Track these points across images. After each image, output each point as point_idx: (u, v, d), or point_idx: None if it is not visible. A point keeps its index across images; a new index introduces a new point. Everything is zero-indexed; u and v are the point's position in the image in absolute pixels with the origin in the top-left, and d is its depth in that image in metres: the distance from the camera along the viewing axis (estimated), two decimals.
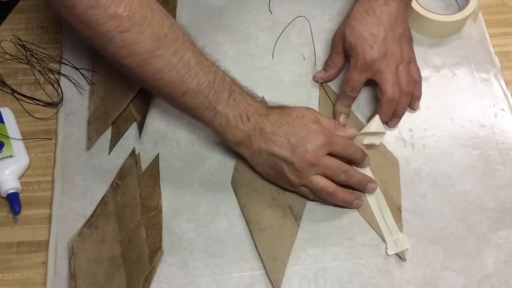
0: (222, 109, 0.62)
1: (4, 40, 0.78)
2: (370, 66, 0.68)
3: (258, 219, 0.65)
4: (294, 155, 0.62)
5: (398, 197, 0.67)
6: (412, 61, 0.72)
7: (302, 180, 0.63)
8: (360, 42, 0.68)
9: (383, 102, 0.69)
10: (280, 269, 0.62)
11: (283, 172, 0.63)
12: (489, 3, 0.84)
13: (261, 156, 0.64)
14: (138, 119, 0.72)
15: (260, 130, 0.63)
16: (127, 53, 0.59)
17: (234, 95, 0.63)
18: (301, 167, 0.62)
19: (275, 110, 0.65)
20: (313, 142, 0.62)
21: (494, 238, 0.65)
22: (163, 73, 0.60)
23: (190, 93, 0.61)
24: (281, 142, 0.63)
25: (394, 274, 0.63)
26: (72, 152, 0.70)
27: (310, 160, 0.62)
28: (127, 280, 0.61)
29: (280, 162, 0.63)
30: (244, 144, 0.64)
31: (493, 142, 0.72)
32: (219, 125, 0.63)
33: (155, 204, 0.66)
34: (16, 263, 0.64)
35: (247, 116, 0.63)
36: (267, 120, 0.64)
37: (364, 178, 0.66)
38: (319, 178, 0.63)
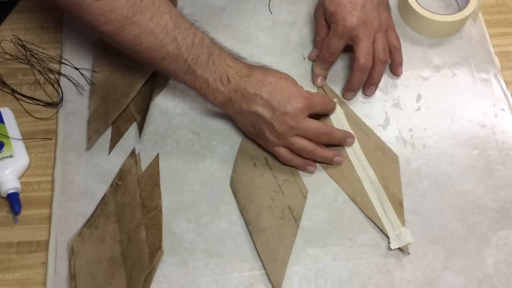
0: (201, 73, 0.63)
1: (4, 40, 0.78)
2: (350, 32, 0.70)
3: (257, 221, 0.65)
4: (274, 117, 0.64)
5: (399, 192, 0.68)
6: (390, 28, 0.74)
7: (281, 140, 0.65)
8: (340, 9, 0.70)
9: (355, 69, 0.71)
10: (280, 270, 0.62)
11: (263, 132, 0.65)
12: (489, 3, 0.84)
13: (243, 115, 0.66)
14: (138, 119, 0.72)
15: (242, 91, 0.64)
16: (104, 21, 0.59)
17: (213, 57, 0.64)
18: (281, 130, 0.64)
19: (257, 71, 0.66)
20: (293, 106, 0.64)
21: (494, 238, 0.65)
22: (141, 39, 0.61)
23: (169, 58, 0.62)
24: (263, 103, 0.64)
25: (394, 274, 0.63)
26: (72, 152, 0.70)
27: (290, 123, 0.64)
28: (127, 280, 0.61)
29: (260, 123, 0.65)
30: (226, 105, 0.66)
31: (493, 142, 0.72)
32: (200, 87, 0.65)
33: (155, 204, 0.66)
34: (16, 263, 0.64)
35: (227, 78, 0.64)
36: (249, 80, 0.64)
37: (344, 135, 0.69)
38: (299, 138, 0.66)
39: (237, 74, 0.65)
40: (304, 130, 0.65)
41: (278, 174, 0.68)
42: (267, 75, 0.65)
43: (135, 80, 0.74)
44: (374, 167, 0.69)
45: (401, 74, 0.76)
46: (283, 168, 0.69)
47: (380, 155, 0.70)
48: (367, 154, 0.70)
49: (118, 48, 0.64)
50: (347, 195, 0.68)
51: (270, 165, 0.69)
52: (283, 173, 0.68)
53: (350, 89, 0.73)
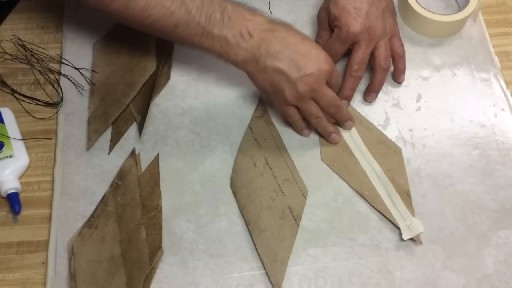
0: (218, 32, 0.62)
1: (4, 40, 0.78)
2: (352, 39, 0.70)
3: (257, 221, 0.65)
4: (299, 77, 0.63)
5: (406, 183, 0.68)
6: (395, 35, 0.73)
7: (297, 101, 0.65)
8: (344, 14, 0.69)
9: (347, 74, 0.71)
10: (280, 270, 0.62)
11: (282, 90, 0.64)
12: (489, 3, 0.84)
13: (265, 72, 0.63)
14: (138, 119, 0.72)
15: (266, 47, 0.62)
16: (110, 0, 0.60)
17: (228, 12, 0.62)
18: (302, 90, 0.63)
19: (280, 26, 0.64)
20: (320, 68, 0.63)
21: (494, 238, 0.65)
22: (149, 11, 0.60)
23: (182, 24, 0.61)
24: (288, 61, 0.62)
25: (394, 274, 0.63)
26: (72, 152, 0.70)
27: (313, 85, 0.63)
28: (127, 280, 0.61)
29: (282, 81, 0.63)
30: (249, 61, 0.63)
31: (493, 142, 0.72)
32: (219, 47, 0.62)
33: (155, 204, 0.66)
34: (16, 263, 0.64)
35: (248, 33, 0.62)
36: (273, 36, 0.63)
37: (348, 114, 0.70)
38: (313, 103, 0.66)
39: (258, 28, 0.63)
40: (321, 96, 0.65)
41: (278, 174, 0.68)
42: (290, 33, 0.64)
43: (135, 80, 0.74)
44: (378, 160, 0.69)
45: (403, 81, 0.75)
46: (283, 168, 0.69)
47: (383, 148, 0.70)
48: (370, 148, 0.70)
49: (129, 25, 0.64)
50: (354, 190, 0.68)
51: (270, 165, 0.69)
52: (283, 173, 0.68)
53: (342, 95, 0.72)
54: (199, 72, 0.76)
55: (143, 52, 0.76)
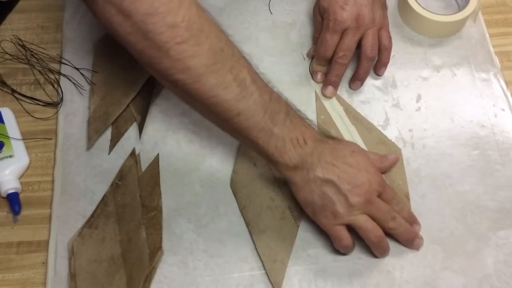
0: (278, 131, 0.59)
1: (4, 40, 0.78)
2: (341, 27, 0.71)
3: (257, 221, 0.65)
4: (351, 189, 0.59)
5: (405, 184, 0.68)
6: (383, 27, 0.74)
7: (350, 216, 0.60)
8: (332, 4, 0.71)
9: (333, 61, 0.72)
10: (280, 270, 0.62)
11: (332, 204, 0.60)
12: (489, 3, 0.84)
13: (314, 183, 0.60)
14: (138, 119, 0.72)
15: (319, 156, 0.60)
16: (182, 67, 0.54)
17: (290, 116, 0.60)
18: (355, 202, 0.59)
19: (330, 139, 0.63)
20: (370, 180, 0.60)
21: (493, 238, 0.65)
22: (218, 91, 0.56)
23: (245, 113, 0.57)
24: (339, 173, 0.60)
25: (394, 274, 0.63)
26: (72, 152, 0.70)
27: (366, 197, 0.60)
28: (127, 280, 0.61)
29: (333, 193, 0.59)
30: (299, 168, 0.60)
31: (493, 142, 0.72)
32: (274, 147, 0.59)
33: (155, 204, 0.66)
34: (16, 263, 0.64)
35: (304, 139, 0.60)
36: (325, 147, 0.61)
37: (412, 230, 0.63)
38: (367, 218, 0.60)
39: (313, 137, 0.61)
40: (377, 208, 0.60)
41: (278, 174, 0.68)
42: (341, 145, 0.62)
43: (135, 80, 0.74)
44: None
45: (382, 74, 0.76)
46: None
47: (383, 149, 0.70)
48: (370, 149, 0.70)
49: (187, 101, 0.60)
50: None
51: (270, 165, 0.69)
52: None
53: (328, 81, 0.73)
54: None
55: None
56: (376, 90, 0.76)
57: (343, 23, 0.70)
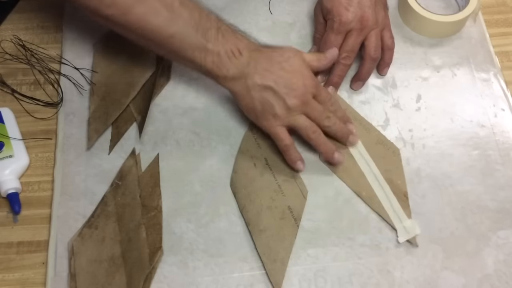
0: (212, 46, 0.63)
1: (4, 40, 0.78)
2: (345, 28, 0.71)
3: (257, 221, 0.65)
4: (288, 92, 0.64)
5: (403, 184, 0.68)
6: (386, 28, 0.74)
7: (288, 117, 0.65)
8: (336, 5, 0.71)
9: (337, 61, 0.72)
10: (280, 270, 0.62)
11: (272, 107, 0.64)
12: (489, 3, 0.84)
13: (253, 90, 0.64)
14: (138, 119, 0.72)
15: (255, 64, 0.64)
16: (110, 2, 0.59)
17: (222, 30, 0.64)
18: (293, 104, 0.64)
19: (265, 48, 0.67)
20: (305, 84, 0.65)
21: (494, 238, 0.65)
22: (147, 18, 0.60)
23: (177, 35, 0.62)
24: (276, 77, 0.64)
25: (394, 274, 0.63)
26: (72, 152, 0.70)
27: (302, 98, 0.64)
28: (127, 280, 0.61)
29: (272, 97, 0.64)
30: (237, 78, 0.65)
31: (493, 142, 0.72)
32: (211, 62, 0.63)
33: (155, 204, 0.66)
34: (16, 263, 0.64)
35: (238, 50, 0.64)
36: (261, 55, 0.65)
37: (346, 127, 0.68)
38: (305, 118, 0.65)
39: (247, 47, 0.65)
40: (312, 108, 0.65)
41: (278, 174, 0.68)
42: (275, 53, 0.66)
43: (135, 80, 0.74)
44: (376, 161, 0.69)
45: (385, 74, 0.76)
46: (283, 168, 0.69)
47: (382, 149, 0.70)
48: (368, 149, 0.70)
49: (121, 32, 0.64)
50: (352, 190, 0.68)
51: (270, 165, 0.69)
52: (283, 173, 0.68)
53: (330, 82, 0.74)
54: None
55: (143, 52, 0.76)
56: (376, 90, 0.76)
57: (348, 25, 0.71)
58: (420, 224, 0.66)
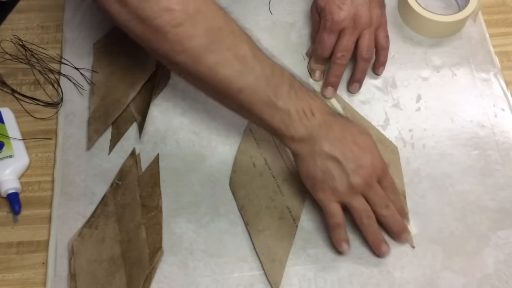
0: (283, 104, 0.58)
1: (4, 40, 0.78)
2: (338, 26, 0.70)
3: (256, 221, 0.65)
4: (355, 169, 0.59)
5: (401, 183, 0.68)
6: (381, 26, 0.73)
7: (348, 196, 0.60)
8: (329, 4, 0.70)
9: (332, 62, 0.72)
10: (279, 270, 0.62)
11: (333, 180, 0.60)
12: (489, 3, 0.84)
13: (319, 157, 0.60)
14: (138, 119, 0.72)
15: (327, 130, 0.60)
16: (181, 49, 0.56)
17: (295, 88, 0.60)
18: (355, 182, 0.59)
19: (339, 116, 0.63)
20: (374, 164, 0.61)
21: (494, 238, 0.65)
22: (218, 69, 0.57)
23: (248, 89, 0.58)
24: (346, 150, 0.60)
25: (394, 274, 0.63)
26: (72, 152, 0.70)
27: (367, 179, 0.60)
28: (127, 280, 0.61)
29: (336, 170, 0.60)
30: (306, 141, 0.60)
31: (493, 142, 0.72)
32: (279, 121, 0.59)
33: (155, 204, 0.66)
34: (16, 263, 0.64)
35: (311, 111, 0.60)
36: (334, 121, 0.61)
37: (403, 223, 0.63)
38: (363, 200, 0.61)
39: (321, 110, 0.60)
40: (374, 193, 0.61)
41: (278, 174, 0.68)
42: (349, 124, 0.63)
43: (135, 80, 0.74)
44: None
45: (381, 73, 0.76)
46: (282, 168, 0.69)
47: (380, 147, 0.69)
48: None
49: (190, 82, 0.62)
50: None
51: (270, 165, 0.69)
52: (282, 174, 0.68)
53: (327, 82, 0.73)
54: None
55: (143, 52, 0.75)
56: (376, 90, 0.76)
57: (340, 23, 0.70)
58: (420, 224, 0.66)
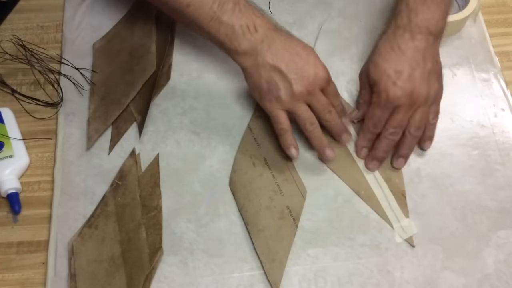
0: (227, 19, 0.63)
1: (4, 40, 0.78)
2: (393, 104, 0.65)
3: (256, 221, 0.65)
4: (296, 77, 0.63)
5: (401, 183, 0.68)
6: (436, 102, 0.68)
7: (291, 103, 0.64)
8: (384, 79, 0.65)
9: (382, 135, 0.68)
10: (278, 270, 0.62)
11: (277, 89, 0.64)
12: (489, 3, 0.84)
13: (263, 68, 0.64)
14: (138, 119, 0.72)
15: (269, 43, 0.64)
16: None
17: (240, 6, 0.64)
18: (298, 91, 0.64)
19: (283, 31, 0.66)
20: (316, 73, 0.64)
21: (494, 238, 0.65)
22: None
23: (194, 4, 0.63)
24: (288, 61, 0.63)
25: (394, 274, 0.63)
26: (72, 152, 0.70)
27: (309, 88, 0.64)
28: (127, 280, 0.61)
29: (279, 80, 0.64)
30: (249, 54, 0.64)
31: (493, 142, 0.72)
32: (225, 35, 0.64)
33: (155, 204, 0.66)
34: (16, 263, 0.64)
35: (254, 27, 0.64)
36: (277, 36, 0.64)
37: (343, 125, 0.69)
38: (306, 107, 0.65)
39: (265, 25, 0.64)
40: (316, 100, 0.65)
41: (277, 174, 0.68)
42: (293, 39, 0.66)
43: (135, 80, 0.74)
44: None
45: (427, 149, 0.70)
46: (282, 168, 0.69)
47: None
48: None
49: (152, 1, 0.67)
50: (350, 189, 0.68)
51: (269, 165, 0.69)
52: (282, 173, 0.68)
53: (374, 156, 0.68)
54: (199, 72, 0.76)
55: (143, 52, 0.76)
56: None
57: (396, 101, 0.65)
58: (420, 224, 0.66)
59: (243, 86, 0.74)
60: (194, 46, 0.78)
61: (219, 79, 0.76)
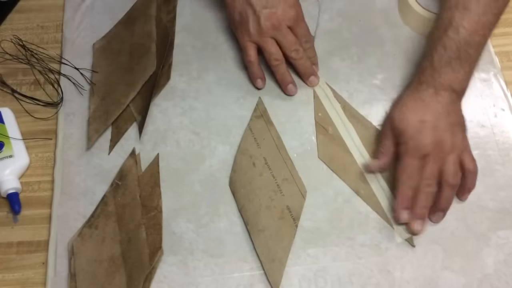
0: None
1: (4, 40, 0.78)
2: (421, 152, 0.64)
3: (256, 221, 0.65)
4: (264, 11, 0.68)
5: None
6: (465, 150, 0.67)
7: (258, 37, 0.69)
8: (409, 128, 0.65)
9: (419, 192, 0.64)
10: (278, 270, 0.62)
11: (247, 22, 0.69)
12: None
13: (238, 2, 0.70)
14: (138, 119, 0.72)
15: None
16: None
17: None
18: (264, 25, 0.68)
19: None
20: (285, 10, 0.69)
21: (494, 238, 0.65)
22: None
23: None
24: None
25: (394, 274, 0.63)
26: (72, 152, 0.70)
27: (275, 23, 0.68)
28: (127, 280, 0.61)
29: (250, 13, 0.69)
30: None
31: (493, 142, 0.72)
32: None
33: (155, 204, 0.66)
34: (16, 263, 0.64)
35: None
36: None
37: (311, 68, 0.73)
38: (274, 43, 0.70)
39: None
40: (283, 36, 0.69)
41: (277, 174, 0.68)
42: None
43: (135, 80, 0.74)
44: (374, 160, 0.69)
45: (465, 200, 0.68)
46: (282, 168, 0.69)
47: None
48: (367, 147, 0.70)
49: None
50: (350, 188, 0.68)
51: (269, 165, 0.69)
52: (282, 173, 0.68)
53: (416, 215, 0.64)
54: (199, 72, 0.76)
55: (143, 52, 0.76)
56: (377, 90, 0.75)
57: (423, 149, 0.64)
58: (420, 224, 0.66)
59: (243, 86, 0.74)
60: (194, 46, 0.79)
61: (219, 79, 0.76)
